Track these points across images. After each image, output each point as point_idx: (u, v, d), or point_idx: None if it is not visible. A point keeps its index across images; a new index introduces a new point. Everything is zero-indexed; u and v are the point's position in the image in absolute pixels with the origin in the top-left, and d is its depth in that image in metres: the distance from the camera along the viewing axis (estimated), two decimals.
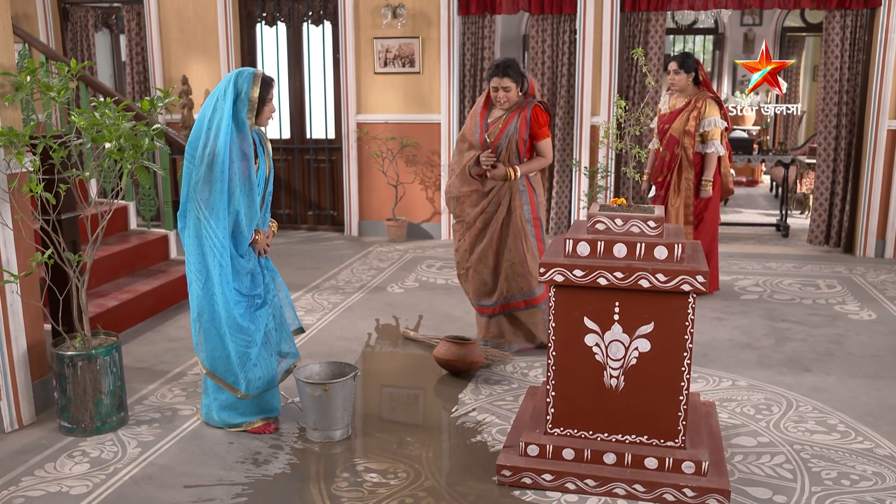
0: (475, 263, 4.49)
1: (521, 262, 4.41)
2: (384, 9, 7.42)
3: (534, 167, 4.43)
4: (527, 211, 4.42)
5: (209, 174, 3.22)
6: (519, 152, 4.36)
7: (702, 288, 2.91)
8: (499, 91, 4.31)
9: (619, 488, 3.01)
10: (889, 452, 3.39)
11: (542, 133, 4.39)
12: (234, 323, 3.35)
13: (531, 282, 4.43)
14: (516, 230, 4.39)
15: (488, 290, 4.52)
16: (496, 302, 4.51)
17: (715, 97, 5.55)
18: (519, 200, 4.40)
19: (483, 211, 4.43)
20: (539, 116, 4.36)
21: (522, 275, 4.43)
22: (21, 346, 3.63)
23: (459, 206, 4.51)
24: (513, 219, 4.39)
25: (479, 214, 4.44)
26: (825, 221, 7.29)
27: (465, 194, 4.46)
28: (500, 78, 4.29)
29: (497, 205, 4.41)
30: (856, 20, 6.87)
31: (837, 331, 5.01)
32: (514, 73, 4.29)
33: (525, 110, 4.35)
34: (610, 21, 7.12)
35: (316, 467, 3.27)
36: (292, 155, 8.30)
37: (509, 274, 4.44)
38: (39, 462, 3.30)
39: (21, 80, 3.36)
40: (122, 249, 5.47)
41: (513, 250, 4.41)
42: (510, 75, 4.28)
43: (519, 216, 4.39)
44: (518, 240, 4.40)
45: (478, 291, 4.55)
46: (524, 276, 4.42)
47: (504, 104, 4.36)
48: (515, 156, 4.37)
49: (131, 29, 8.41)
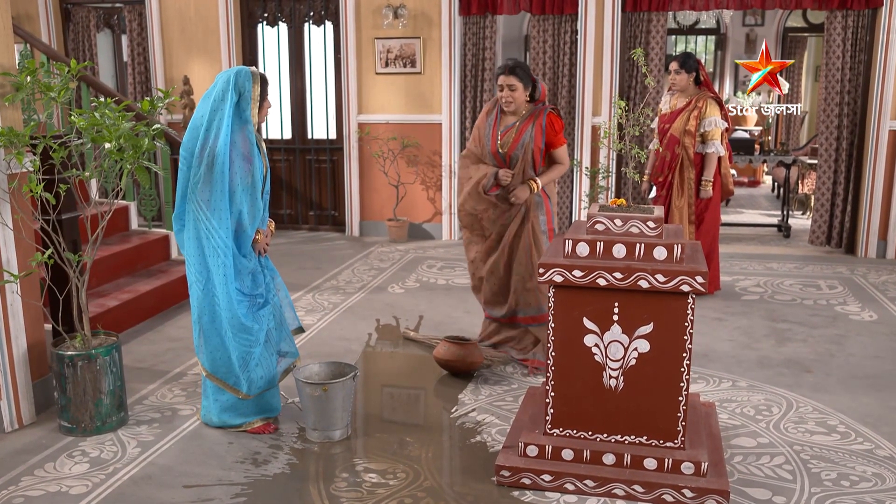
0: (487, 275, 4.36)
1: (530, 277, 4.24)
2: (385, 9, 7.43)
3: (553, 176, 4.31)
4: (542, 222, 4.28)
5: (209, 175, 3.22)
6: (535, 162, 4.23)
7: (701, 289, 2.91)
8: (504, 90, 4.15)
9: (619, 489, 3.01)
10: (889, 453, 3.38)
11: (558, 140, 4.26)
12: (238, 323, 3.35)
13: (539, 297, 4.26)
14: (528, 243, 4.24)
15: (498, 301, 4.41)
16: (505, 314, 4.40)
17: (716, 97, 5.55)
18: (535, 212, 4.26)
19: (499, 222, 4.30)
20: (554, 123, 4.23)
21: (531, 290, 4.27)
22: (21, 345, 3.64)
23: (477, 222, 4.37)
24: (525, 230, 4.25)
25: (496, 225, 4.31)
26: (826, 222, 7.28)
27: (482, 211, 4.31)
28: (506, 76, 4.15)
29: (513, 216, 4.28)
30: (857, 20, 6.86)
31: (838, 332, 5.00)
32: (521, 73, 4.16)
33: (539, 118, 4.21)
34: (611, 21, 7.11)
35: (315, 467, 3.27)
36: (294, 155, 8.31)
37: (518, 288, 4.29)
38: (39, 462, 3.30)
39: (21, 81, 3.37)
40: (123, 249, 5.48)
41: (523, 263, 4.26)
42: (517, 73, 4.14)
43: (534, 227, 4.25)
44: (528, 252, 4.25)
45: (489, 301, 4.45)
46: (532, 290, 4.27)
47: (510, 105, 4.18)
48: (531, 166, 4.22)
49: (133, 29, 8.41)
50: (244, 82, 3.28)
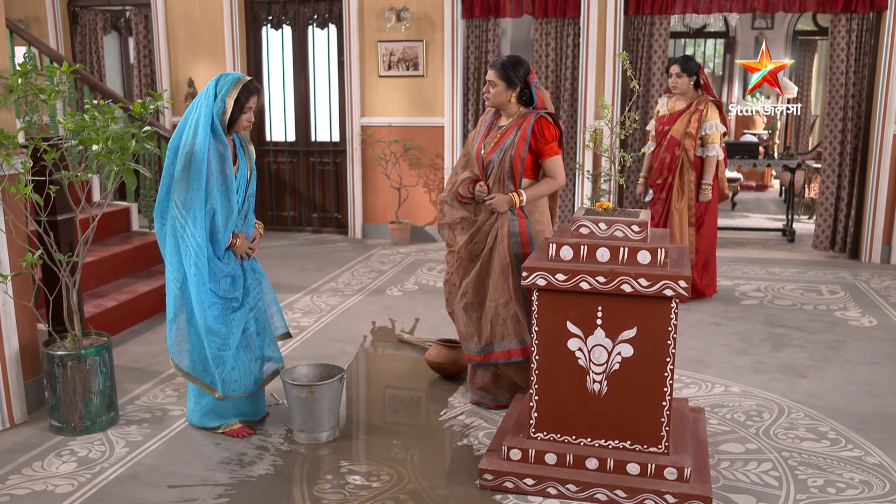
0: (460, 300, 3.83)
1: (504, 304, 3.68)
2: (388, 12, 7.45)
3: (542, 191, 3.75)
4: (514, 244, 3.70)
5: (186, 173, 3.23)
6: (514, 171, 3.67)
7: (684, 293, 2.90)
8: (486, 85, 3.78)
9: (601, 494, 3.00)
10: (879, 461, 3.35)
11: (548, 150, 3.70)
12: (206, 325, 3.35)
13: (516, 328, 3.67)
14: (503, 265, 3.68)
15: (471, 332, 3.80)
16: (482, 349, 3.76)
17: (716, 101, 5.53)
18: (506, 230, 3.69)
19: (472, 240, 3.79)
20: (545, 130, 3.68)
21: (506, 318, 3.68)
22: (13, 345, 3.67)
23: (451, 235, 3.91)
24: (498, 252, 3.70)
25: (467, 244, 3.80)
26: (830, 227, 7.22)
27: (456, 221, 3.86)
28: (489, 70, 3.75)
29: (486, 234, 3.76)
30: (862, 24, 6.81)
31: (836, 337, 4.96)
32: (503, 71, 3.68)
33: (527, 122, 3.69)
34: (613, 24, 7.10)
35: (300, 469, 3.28)
36: (297, 157, 8.34)
37: (493, 317, 3.71)
38: (28, 461, 3.33)
39: (13, 83, 3.40)
40: (123, 250, 5.51)
41: (498, 289, 3.70)
42: (497, 69, 3.69)
43: (505, 248, 3.68)
44: (503, 277, 3.68)
45: (461, 333, 3.84)
46: (508, 319, 3.68)
47: (488, 101, 3.78)
48: (508, 175, 3.68)
49: (139, 32, 8.48)
50: (223, 86, 3.29)
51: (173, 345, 3.45)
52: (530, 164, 3.74)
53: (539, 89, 3.82)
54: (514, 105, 3.77)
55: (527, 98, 3.76)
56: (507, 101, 3.75)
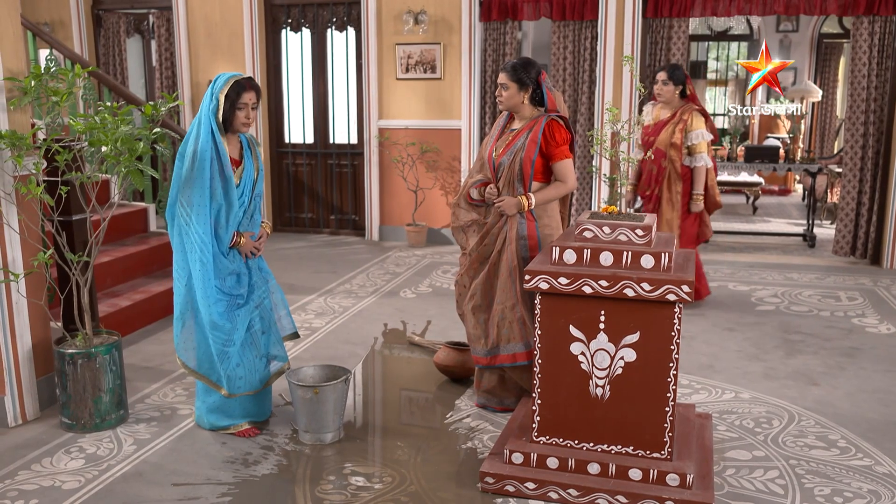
0: (468, 301, 3.86)
1: (511, 307, 3.70)
2: (406, 15, 7.47)
3: (551, 195, 3.72)
4: (523, 247, 3.70)
5: (191, 172, 3.29)
6: (524, 174, 3.66)
7: (687, 298, 2.87)
8: (498, 88, 3.79)
9: (602, 499, 2.98)
10: (888, 470, 3.30)
11: (559, 153, 3.68)
12: (211, 320, 3.39)
13: (522, 331, 3.69)
14: (511, 268, 3.69)
15: (478, 334, 3.81)
16: (488, 351, 3.77)
17: (701, 110, 5.45)
18: (515, 232, 3.70)
19: (482, 242, 3.81)
20: (556, 133, 3.67)
21: (513, 322, 3.70)
22: (26, 343, 3.73)
23: (464, 237, 3.93)
24: (506, 254, 3.71)
25: (477, 245, 3.82)
26: (851, 232, 7.12)
27: (468, 224, 3.89)
28: (501, 72, 3.74)
29: (496, 236, 3.77)
30: (884, 26, 6.71)
31: (852, 344, 4.89)
32: (514, 72, 3.68)
33: (538, 125, 3.69)
34: (631, 27, 7.06)
35: (303, 469, 3.30)
36: (315, 159, 8.39)
37: (500, 320, 3.72)
38: (37, 457, 3.38)
39: (26, 85, 3.46)
40: (139, 251, 5.58)
41: (505, 291, 3.71)
42: (508, 71, 3.70)
43: (514, 251, 3.69)
44: (511, 279, 3.69)
45: (470, 335, 3.86)
46: (514, 322, 3.70)
47: (501, 104, 3.79)
48: (518, 178, 3.67)
49: (161, 35, 8.59)
50: (219, 84, 3.34)
51: (180, 342, 3.50)
52: (541, 168, 3.73)
53: (551, 90, 3.80)
54: (528, 107, 3.77)
55: (539, 98, 3.75)
56: (520, 102, 3.75)
